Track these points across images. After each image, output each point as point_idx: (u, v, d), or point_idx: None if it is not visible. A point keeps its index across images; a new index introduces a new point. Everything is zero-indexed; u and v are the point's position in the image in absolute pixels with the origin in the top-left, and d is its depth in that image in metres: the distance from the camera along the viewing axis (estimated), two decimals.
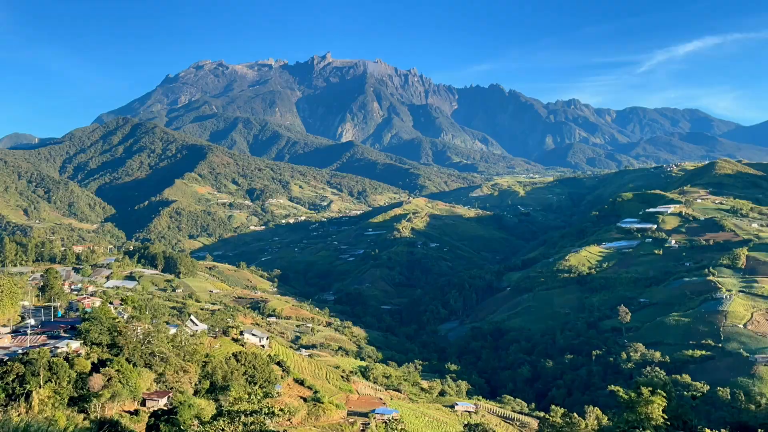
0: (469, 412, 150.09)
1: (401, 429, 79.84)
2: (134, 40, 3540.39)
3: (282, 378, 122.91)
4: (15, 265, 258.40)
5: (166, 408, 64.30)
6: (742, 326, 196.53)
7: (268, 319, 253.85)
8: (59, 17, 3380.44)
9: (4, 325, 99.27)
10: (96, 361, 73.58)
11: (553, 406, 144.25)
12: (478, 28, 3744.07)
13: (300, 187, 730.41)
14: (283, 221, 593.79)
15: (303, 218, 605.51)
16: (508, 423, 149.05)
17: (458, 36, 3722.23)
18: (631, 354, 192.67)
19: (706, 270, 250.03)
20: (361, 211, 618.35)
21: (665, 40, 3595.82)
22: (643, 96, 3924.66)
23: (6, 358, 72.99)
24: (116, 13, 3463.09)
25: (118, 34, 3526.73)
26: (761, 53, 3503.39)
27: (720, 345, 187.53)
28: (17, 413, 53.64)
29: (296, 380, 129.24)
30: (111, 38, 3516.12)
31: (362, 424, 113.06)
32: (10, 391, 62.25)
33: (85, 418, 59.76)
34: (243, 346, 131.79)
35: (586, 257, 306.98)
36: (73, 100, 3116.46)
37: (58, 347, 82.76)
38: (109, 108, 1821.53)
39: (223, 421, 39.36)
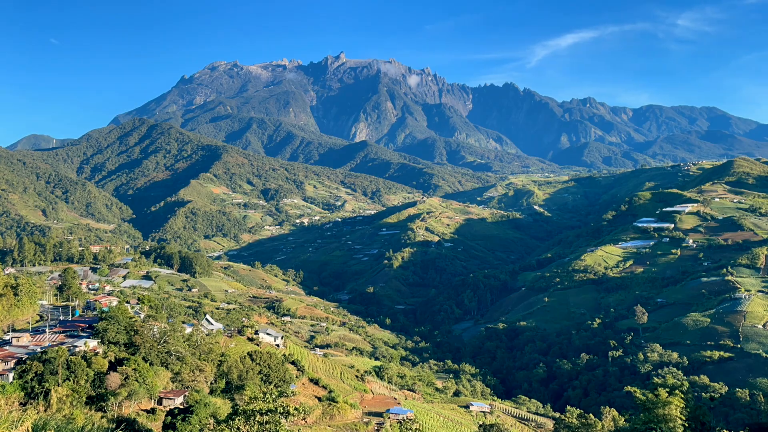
0: (484, 412, 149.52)
1: (416, 429, 79.77)
2: (150, 41, 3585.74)
3: (297, 377, 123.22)
4: (34, 265, 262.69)
5: (182, 407, 64.67)
6: (761, 327, 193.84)
7: (282, 318, 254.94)
8: (78, 20, 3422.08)
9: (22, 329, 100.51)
10: (113, 360, 74.24)
11: (568, 407, 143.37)
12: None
13: (314, 187, 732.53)
14: (298, 221, 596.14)
15: (317, 218, 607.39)
16: (524, 423, 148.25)
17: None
18: (648, 355, 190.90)
19: (725, 270, 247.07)
20: (375, 211, 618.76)
21: (534, 36, 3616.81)
22: (543, 88, 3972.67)
23: (25, 356, 73.96)
24: (132, 16, 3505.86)
25: (133, 36, 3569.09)
26: (649, 44, 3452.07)
27: (739, 346, 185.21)
28: (36, 411, 54.19)
29: (311, 380, 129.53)
30: (127, 40, 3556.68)
31: (377, 423, 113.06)
32: (29, 390, 62.99)
33: (102, 417, 60.26)
34: (258, 345, 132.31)
35: (602, 257, 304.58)
36: (91, 101, 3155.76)
37: (76, 346, 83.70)
38: (125, 109, 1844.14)
39: (239, 420, 39.44)
